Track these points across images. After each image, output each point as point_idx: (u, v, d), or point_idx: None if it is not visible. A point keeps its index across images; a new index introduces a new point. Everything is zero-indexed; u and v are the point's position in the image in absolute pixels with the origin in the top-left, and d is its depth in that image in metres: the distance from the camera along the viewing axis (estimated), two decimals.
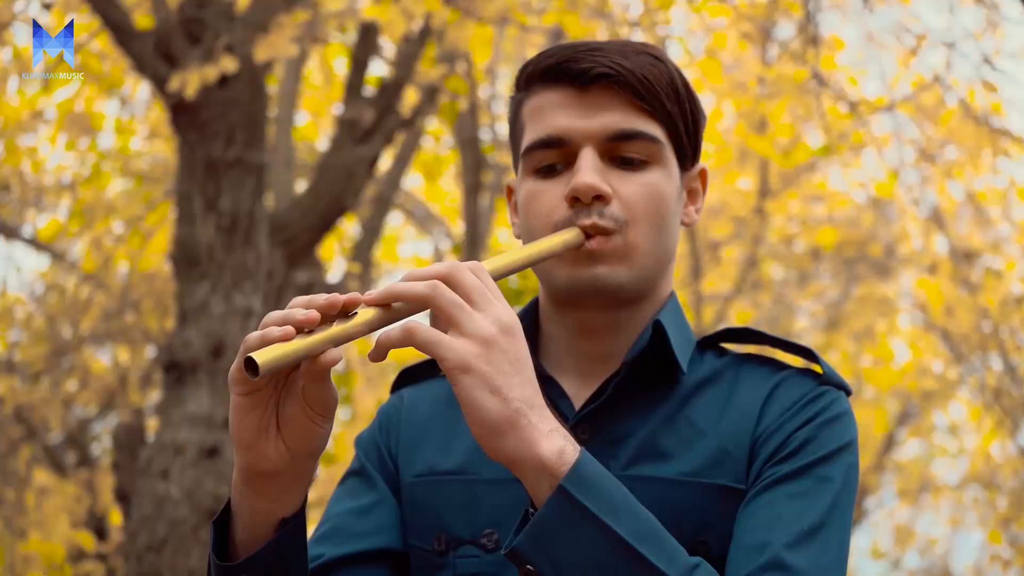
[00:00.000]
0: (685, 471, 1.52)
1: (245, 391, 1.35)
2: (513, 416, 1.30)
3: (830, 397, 1.55)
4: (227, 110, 5.47)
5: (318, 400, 1.37)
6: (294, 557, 1.44)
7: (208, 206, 5.44)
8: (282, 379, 1.38)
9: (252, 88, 5.53)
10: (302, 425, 1.38)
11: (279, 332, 1.28)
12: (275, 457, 1.39)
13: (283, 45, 4.84)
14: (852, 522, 1.51)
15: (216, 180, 5.45)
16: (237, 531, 1.45)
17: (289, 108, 7.41)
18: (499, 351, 1.31)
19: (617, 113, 1.56)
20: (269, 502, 1.42)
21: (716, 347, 1.67)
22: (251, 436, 1.37)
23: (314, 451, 1.40)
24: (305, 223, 5.78)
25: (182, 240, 5.47)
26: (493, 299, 1.34)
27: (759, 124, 8.48)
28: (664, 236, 1.58)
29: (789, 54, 7.15)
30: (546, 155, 1.58)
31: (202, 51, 5.33)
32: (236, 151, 5.47)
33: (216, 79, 5.28)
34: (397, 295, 1.33)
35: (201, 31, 5.45)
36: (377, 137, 5.85)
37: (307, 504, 1.48)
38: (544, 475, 1.31)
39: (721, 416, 1.56)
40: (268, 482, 1.40)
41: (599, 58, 1.55)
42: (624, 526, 1.32)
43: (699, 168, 1.69)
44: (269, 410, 1.38)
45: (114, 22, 5.49)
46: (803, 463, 1.48)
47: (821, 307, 11.49)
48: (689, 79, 1.63)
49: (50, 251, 10.58)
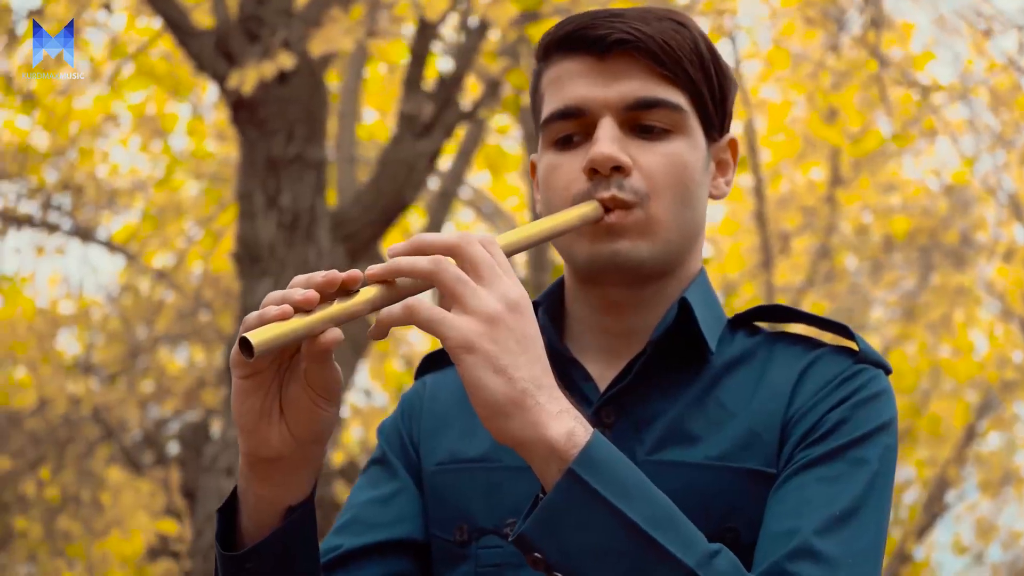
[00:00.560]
0: (712, 455, 1.44)
1: (245, 374, 1.30)
2: (519, 397, 1.24)
3: (867, 376, 1.47)
4: (286, 107, 5.49)
5: (321, 383, 1.32)
6: (302, 546, 1.39)
7: (269, 203, 5.46)
8: (285, 361, 1.33)
9: (311, 84, 5.54)
10: (305, 409, 1.33)
11: (276, 311, 1.24)
12: (278, 442, 1.34)
13: (337, 39, 4.84)
14: (891, 507, 1.43)
15: (277, 177, 5.48)
16: (243, 519, 1.40)
17: (352, 104, 7.43)
18: (505, 329, 1.25)
19: (637, 81, 1.48)
20: (275, 489, 1.37)
21: (749, 325, 1.59)
22: (253, 420, 1.32)
23: (319, 436, 1.35)
24: (366, 218, 5.78)
25: (244, 238, 5.50)
26: (501, 274, 1.28)
27: (828, 113, 8.35)
28: (689, 209, 1.51)
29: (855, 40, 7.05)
30: (564, 126, 1.51)
31: (261, 48, 5.35)
32: (296, 148, 5.49)
33: (275, 76, 5.30)
34: (400, 270, 1.27)
35: (260, 29, 5.47)
36: (437, 131, 5.83)
37: (316, 491, 1.43)
38: (553, 458, 1.25)
39: (752, 397, 1.48)
40: (272, 468, 1.36)
41: (617, 24, 1.48)
42: (638, 511, 1.26)
43: (728, 139, 1.61)
44: (272, 394, 1.33)
45: (174, 22, 5.54)
46: (836, 445, 1.40)
47: (896, 297, 11.30)
48: (714, 46, 1.54)
49: (124, 253, 10.70)
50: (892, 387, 1.49)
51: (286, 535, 1.38)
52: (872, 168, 9.34)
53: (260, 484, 1.37)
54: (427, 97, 5.89)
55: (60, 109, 9.68)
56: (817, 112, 8.29)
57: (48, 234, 10.52)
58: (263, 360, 1.29)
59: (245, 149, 5.61)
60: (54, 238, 10.61)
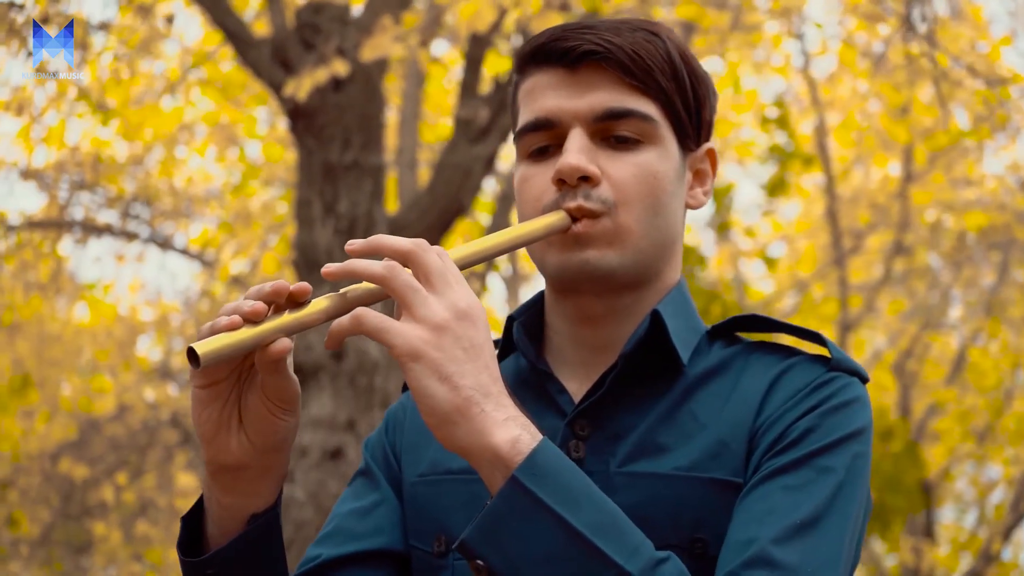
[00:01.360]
0: (681, 466, 1.43)
1: (202, 383, 1.32)
2: (464, 404, 1.25)
3: (839, 383, 1.45)
4: (343, 114, 5.52)
5: (276, 392, 1.33)
6: (266, 553, 1.41)
7: (327, 210, 5.50)
8: (245, 371, 1.35)
9: (367, 91, 5.57)
10: (263, 418, 1.35)
11: (225, 322, 1.25)
12: (238, 451, 1.36)
13: (387, 46, 4.86)
14: (861, 514, 1.41)
15: (334, 184, 5.51)
16: (209, 527, 1.42)
17: (414, 109, 7.45)
18: (452, 337, 1.26)
19: (606, 92, 1.48)
20: (238, 496, 1.39)
21: (728, 336, 1.58)
22: (212, 429, 1.35)
23: (279, 445, 1.37)
24: (423, 223, 5.79)
25: (302, 244, 5.54)
26: (452, 283, 1.29)
27: (900, 109, 8.23)
28: (660, 218, 1.50)
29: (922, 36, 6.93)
30: (536, 138, 1.52)
31: (316, 56, 5.39)
32: (353, 154, 5.52)
33: (331, 84, 5.34)
34: (355, 271, 1.29)
35: (315, 37, 5.51)
36: (493, 135, 5.83)
37: (281, 500, 1.44)
38: (498, 465, 1.26)
39: (724, 407, 1.47)
40: (234, 476, 1.38)
41: (587, 36, 1.48)
42: (582, 518, 1.25)
43: (706, 148, 1.60)
44: (231, 403, 1.35)
45: (231, 31, 5.59)
46: (803, 453, 1.38)
47: (976, 294, 11.11)
48: (691, 56, 1.54)
49: (200, 259, 10.85)
50: (867, 394, 1.47)
51: (248, 542, 1.40)
52: (947, 164, 9.20)
53: (223, 492, 1.39)
54: (483, 101, 5.89)
55: (135, 119, 9.84)
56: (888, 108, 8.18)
57: (127, 242, 10.70)
58: (221, 370, 1.31)
59: (303, 157, 5.65)
60: (133, 246, 10.80)
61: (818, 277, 10.07)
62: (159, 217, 10.79)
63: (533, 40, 1.54)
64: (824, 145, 9.16)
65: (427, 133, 9.55)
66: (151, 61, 8.64)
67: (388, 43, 4.91)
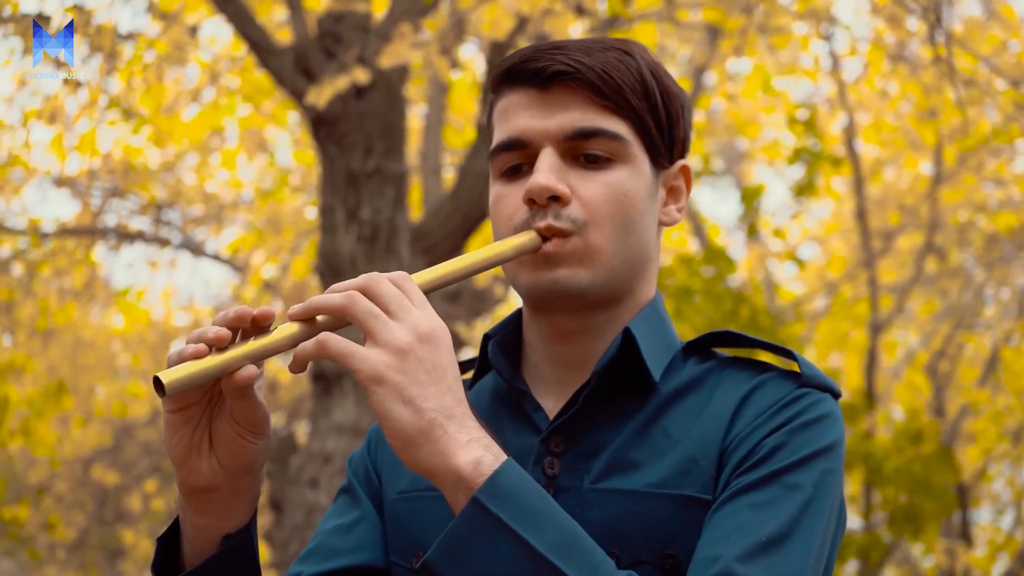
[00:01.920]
0: (652, 482, 1.44)
1: (173, 409, 1.35)
2: (427, 427, 1.28)
3: (809, 400, 1.46)
4: (364, 122, 5.55)
5: (244, 417, 1.36)
6: (239, 572, 1.43)
7: (349, 217, 5.52)
8: (215, 396, 1.38)
9: (388, 99, 5.59)
10: (232, 441, 1.37)
11: (191, 350, 1.28)
12: (209, 473, 1.38)
13: (405, 53, 4.87)
14: (831, 531, 1.42)
15: (356, 191, 5.54)
16: (184, 547, 1.45)
17: (437, 115, 7.47)
18: (415, 360, 1.29)
19: (576, 111, 1.50)
20: (211, 517, 1.42)
21: (704, 351, 1.59)
22: (183, 452, 1.37)
23: (248, 467, 1.39)
24: (446, 229, 5.81)
25: (325, 251, 5.57)
26: (412, 308, 1.32)
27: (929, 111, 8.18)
28: (632, 236, 1.51)
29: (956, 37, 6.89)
30: (509, 157, 1.54)
31: (337, 64, 5.41)
32: (375, 162, 5.54)
33: (352, 91, 5.37)
34: (317, 307, 1.31)
35: (337, 46, 5.54)
36: None
37: (256, 521, 1.46)
38: (460, 487, 1.28)
39: (695, 423, 1.48)
40: (206, 498, 1.40)
41: (558, 56, 1.50)
42: (543, 539, 1.28)
43: (680, 165, 1.60)
44: (202, 427, 1.38)
45: (254, 40, 5.62)
46: (771, 470, 1.39)
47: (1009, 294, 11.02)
48: (664, 73, 1.55)
49: (232, 265, 10.91)
50: (839, 410, 1.48)
51: (221, 562, 1.42)
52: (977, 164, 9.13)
53: (196, 513, 1.42)
54: None
55: (166, 126, 9.91)
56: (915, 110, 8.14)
57: (160, 248, 10.79)
58: (191, 396, 1.34)
59: (325, 164, 5.68)
60: (165, 252, 10.88)
61: (847, 278, 10.01)
62: (191, 223, 10.86)
63: (506, 60, 1.55)
64: (853, 146, 9.12)
65: (454, 138, 9.56)
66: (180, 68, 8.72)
67: (406, 50, 4.93)
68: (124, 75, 8.01)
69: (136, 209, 10.59)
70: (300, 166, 11.29)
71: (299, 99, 5.52)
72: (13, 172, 9.58)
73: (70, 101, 8.61)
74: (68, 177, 10.01)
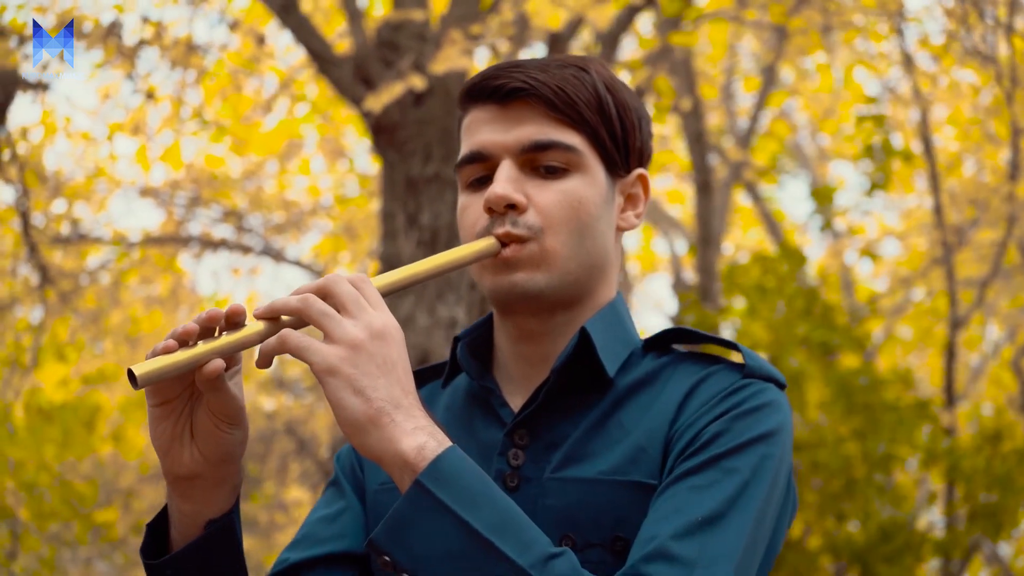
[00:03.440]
0: (604, 470, 1.54)
1: (156, 402, 1.46)
2: (375, 415, 1.37)
3: (752, 389, 1.55)
4: (423, 128, 5.64)
5: (220, 408, 1.46)
6: (223, 556, 1.54)
7: (410, 222, 5.62)
8: (196, 391, 1.49)
9: (446, 104, 5.68)
10: (211, 432, 1.48)
11: (162, 346, 1.39)
12: (190, 462, 1.49)
13: (455, 58, 4.96)
14: (772, 513, 1.51)
15: (416, 196, 5.63)
16: (172, 533, 1.56)
17: None
18: (366, 355, 1.38)
19: (533, 125, 1.60)
20: (196, 504, 1.52)
21: (662, 347, 1.68)
22: (166, 443, 1.48)
23: (228, 456, 1.50)
24: None
25: (387, 256, 5.67)
26: (367, 307, 1.42)
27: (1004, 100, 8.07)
28: (588, 240, 1.61)
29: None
30: (473, 170, 1.64)
31: (395, 72, 5.51)
32: (434, 167, 5.64)
33: (411, 99, 5.46)
34: (275, 309, 1.42)
35: (394, 54, 5.64)
36: None
37: (239, 506, 1.57)
38: (406, 470, 1.38)
39: (647, 415, 1.57)
40: (190, 486, 1.50)
41: (516, 74, 1.61)
42: (480, 518, 1.37)
43: (637, 174, 1.70)
44: (183, 419, 1.49)
45: (315, 51, 5.74)
46: (711, 455, 1.49)
47: None
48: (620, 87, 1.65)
49: (312, 271, 11.07)
50: (783, 398, 1.57)
51: (204, 546, 1.53)
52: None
53: (181, 500, 1.53)
54: None
55: (244, 135, 10.10)
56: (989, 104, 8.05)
57: (242, 255, 10.98)
58: (171, 389, 1.46)
59: (386, 170, 5.79)
60: (247, 259, 11.08)
61: (922, 274, 9.91)
62: (271, 230, 11.05)
63: (471, 79, 1.66)
64: (928, 141, 9.03)
65: None
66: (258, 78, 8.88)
67: (457, 56, 5.02)
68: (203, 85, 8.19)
69: (218, 217, 10.79)
70: (377, 171, 11.40)
71: (359, 107, 5.63)
72: (99, 184, 9.83)
73: (152, 113, 8.83)
74: (152, 187, 10.24)
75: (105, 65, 7.02)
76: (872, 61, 9.16)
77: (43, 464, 9.99)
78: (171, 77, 7.79)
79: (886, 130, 8.91)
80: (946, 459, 7.79)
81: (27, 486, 9.45)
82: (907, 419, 7.33)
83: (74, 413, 11.15)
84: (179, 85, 7.96)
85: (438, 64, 5.12)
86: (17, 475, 9.53)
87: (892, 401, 7.34)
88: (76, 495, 9.98)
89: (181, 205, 10.43)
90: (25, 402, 10.28)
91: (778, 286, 7.84)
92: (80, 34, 6.22)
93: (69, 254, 9.40)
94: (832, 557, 7.27)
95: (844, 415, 7.19)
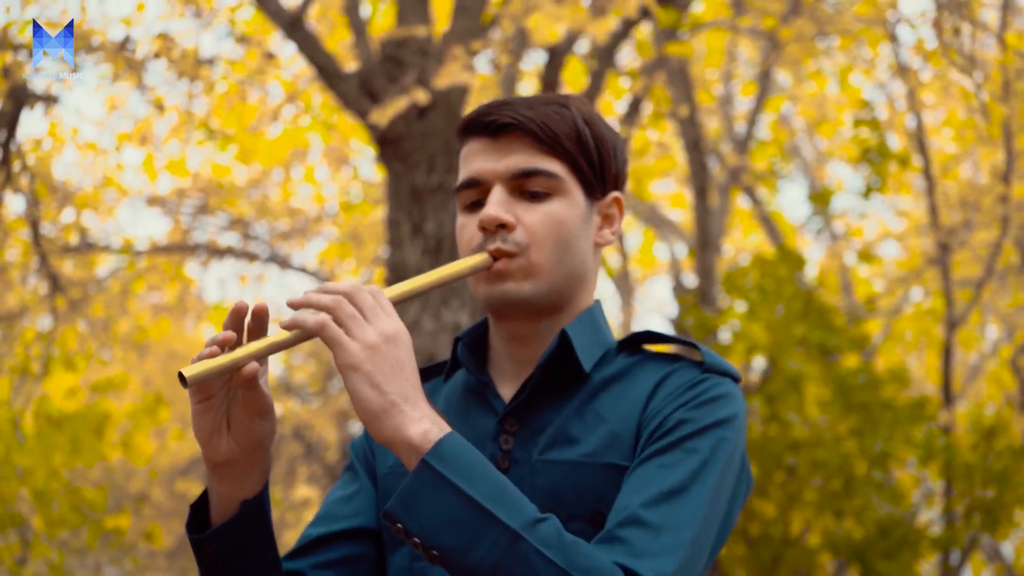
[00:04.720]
0: (585, 453, 1.79)
1: (198, 399, 1.68)
2: (388, 406, 1.61)
3: (710, 383, 1.80)
4: (427, 140, 5.81)
5: (251, 404, 1.68)
6: (255, 531, 1.75)
7: (415, 230, 5.79)
8: (233, 388, 1.70)
9: (448, 117, 5.84)
10: (244, 424, 1.70)
11: (206, 351, 1.61)
12: (227, 450, 1.71)
13: (457, 74, 5.13)
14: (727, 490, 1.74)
15: (421, 206, 5.80)
16: (212, 512, 1.77)
17: None
18: (381, 356, 1.61)
19: (521, 155, 1.85)
20: (231, 487, 1.74)
21: (633, 347, 1.92)
22: (206, 434, 1.70)
23: (259, 444, 1.72)
24: None
25: (393, 264, 5.83)
26: (382, 314, 1.65)
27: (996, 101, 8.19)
28: (568, 255, 1.86)
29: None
30: (469, 194, 1.89)
31: (400, 87, 5.67)
32: (438, 177, 5.80)
33: (415, 112, 5.62)
34: (310, 302, 1.63)
35: (399, 69, 5.79)
36: None
37: (268, 488, 1.79)
38: (413, 452, 1.61)
39: (619, 405, 1.82)
40: (226, 470, 1.72)
41: (505, 111, 1.86)
42: (477, 489, 1.59)
43: (612, 196, 1.94)
44: (221, 413, 1.70)
45: (321, 65, 5.90)
46: (675, 438, 1.73)
47: None
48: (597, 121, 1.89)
49: (318, 277, 11.19)
50: (738, 390, 1.82)
51: (240, 522, 1.75)
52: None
53: (219, 483, 1.75)
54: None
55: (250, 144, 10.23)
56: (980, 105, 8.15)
57: (248, 263, 11.12)
58: (211, 388, 1.67)
59: (391, 180, 5.94)
60: (254, 266, 11.21)
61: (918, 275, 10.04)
62: (277, 238, 11.18)
63: (467, 116, 1.90)
64: (923, 144, 9.16)
65: None
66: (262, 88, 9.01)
67: (459, 71, 5.19)
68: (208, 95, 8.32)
69: (224, 225, 10.93)
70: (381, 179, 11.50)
71: (365, 120, 5.78)
72: (107, 193, 9.97)
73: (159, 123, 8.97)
74: (159, 196, 10.38)
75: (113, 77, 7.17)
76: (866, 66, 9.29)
77: (53, 471, 10.11)
78: (178, 88, 7.95)
79: (882, 133, 9.04)
80: (942, 456, 7.90)
81: (37, 493, 9.58)
82: (904, 417, 7.47)
83: (83, 421, 11.29)
84: (186, 96, 8.12)
85: (441, 79, 5.29)
86: (27, 482, 9.65)
87: (889, 400, 7.46)
88: (86, 501, 10.11)
89: (188, 213, 10.57)
90: (35, 410, 10.39)
91: (777, 288, 7.94)
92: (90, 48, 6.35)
93: (78, 263, 9.54)
94: (832, 554, 7.40)
95: (842, 414, 7.33)
